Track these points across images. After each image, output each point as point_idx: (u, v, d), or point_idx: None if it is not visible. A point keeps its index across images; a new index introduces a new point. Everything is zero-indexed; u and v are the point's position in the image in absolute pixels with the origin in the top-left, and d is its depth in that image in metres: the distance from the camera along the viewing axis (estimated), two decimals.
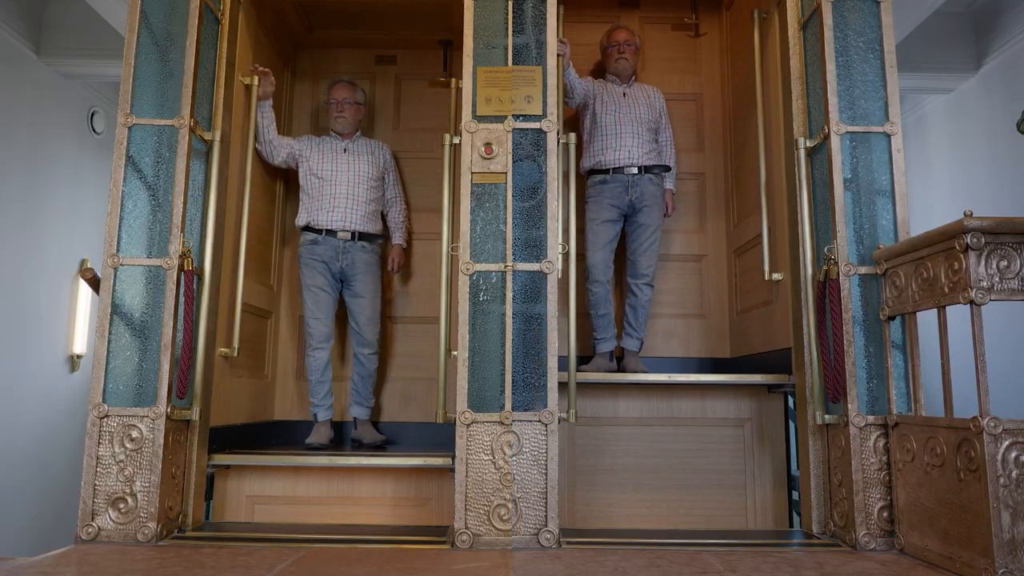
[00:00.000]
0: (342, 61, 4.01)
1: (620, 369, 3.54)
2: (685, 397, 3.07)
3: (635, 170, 3.50)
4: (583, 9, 4.04)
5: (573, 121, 3.84)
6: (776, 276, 3.02)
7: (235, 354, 3.00)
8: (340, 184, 3.43)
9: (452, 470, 2.58)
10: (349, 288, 3.46)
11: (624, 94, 3.63)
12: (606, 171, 3.52)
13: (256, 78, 3.19)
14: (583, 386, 3.04)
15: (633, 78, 3.71)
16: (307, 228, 3.42)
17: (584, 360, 3.57)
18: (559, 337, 2.63)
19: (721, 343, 3.79)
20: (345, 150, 3.52)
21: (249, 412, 3.33)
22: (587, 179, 3.61)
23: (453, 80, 3.23)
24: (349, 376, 3.61)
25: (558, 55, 2.70)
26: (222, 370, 2.98)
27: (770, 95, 3.12)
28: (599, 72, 3.92)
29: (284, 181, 3.79)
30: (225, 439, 2.99)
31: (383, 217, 3.64)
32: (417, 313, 3.81)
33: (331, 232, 3.39)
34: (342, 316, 3.58)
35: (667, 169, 3.62)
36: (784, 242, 2.94)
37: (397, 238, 3.64)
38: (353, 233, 3.42)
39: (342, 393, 3.64)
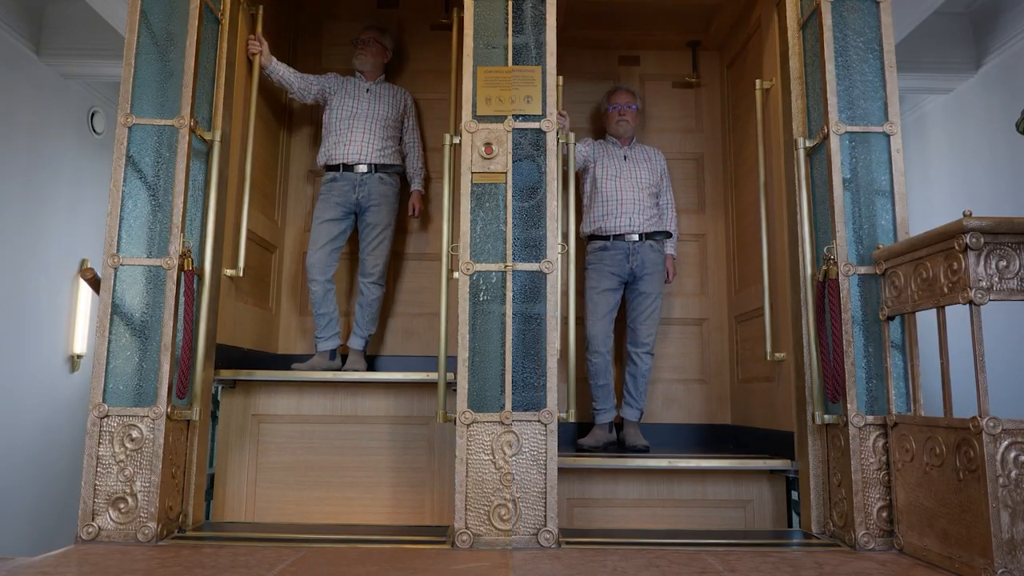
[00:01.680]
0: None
1: (619, 440, 3.50)
2: (687, 480, 2.97)
3: (636, 237, 3.48)
4: (582, 65, 4.01)
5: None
6: (779, 355, 2.98)
7: (240, 274, 3.02)
8: (359, 119, 3.51)
9: (452, 386, 2.59)
10: (363, 219, 3.52)
11: (625, 157, 3.60)
12: (606, 237, 3.49)
13: (256, 55, 3.24)
14: (583, 470, 2.94)
15: (634, 139, 3.68)
16: (327, 167, 3.51)
17: (584, 429, 3.56)
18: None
19: (722, 408, 3.76)
20: (367, 90, 3.59)
21: (253, 339, 3.36)
22: (587, 244, 3.58)
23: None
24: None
25: (558, 127, 2.66)
26: (227, 291, 3.02)
27: (773, 166, 3.08)
28: (599, 130, 3.89)
29: (288, 115, 3.84)
30: (229, 359, 3.03)
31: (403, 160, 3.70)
32: (425, 250, 3.86)
33: (348, 167, 3.47)
34: (353, 253, 3.66)
35: (668, 235, 3.59)
36: (787, 318, 2.89)
37: (416, 184, 3.68)
38: (370, 165, 3.49)
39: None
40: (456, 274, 2.57)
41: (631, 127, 3.64)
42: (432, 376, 2.87)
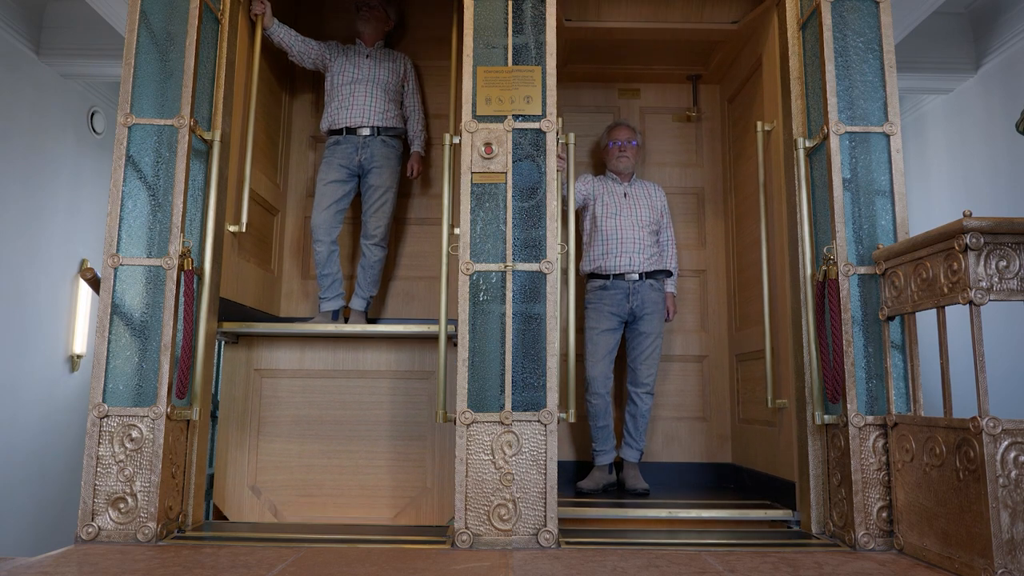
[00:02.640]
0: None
1: (619, 481, 3.49)
2: (686, 530, 2.91)
3: (636, 276, 3.44)
4: (581, 99, 3.98)
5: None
6: (780, 403, 2.96)
7: (242, 229, 3.04)
8: (360, 84, 3.55)
9: (453, 339, 2.60)
10: (366, 180, 3.55)
11: (625, 194, 3.56)
12: (606, 276, 3.46)
13: (258, 17, 3.26)
14: (584, 520, 2.90)
15: (634, 175, 3.65)
16: (330, 131, 3.55)
17: (583, 468, 3.55)
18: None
19: (723, 447, 3.75)
20: (367, 56, 3.62)
21: (256, 298, 3.38)
22: (586, 282, 3.55)
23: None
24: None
25: (557, 170, 2.65)
26: (231, 246, 3.04)
27: (775, 210, 3.05)
28: (599, 164, 3.86)
29: (291, 80, 3.86)
30: (232, 315, 3.06)
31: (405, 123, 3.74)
32: (426, 215, 3.86)
33: (351, 130, 3.51)
34: (356, 218, 3.69)
35: (669, 274, 3.56)
36: (788, 365, 2.88)
37: (415, 146, 3.70)
38: (373, 128, 3.52)
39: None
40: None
41: (631, 163, 3.60)
42: (433, 329, 2.86)
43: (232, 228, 3.00)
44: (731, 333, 3.79)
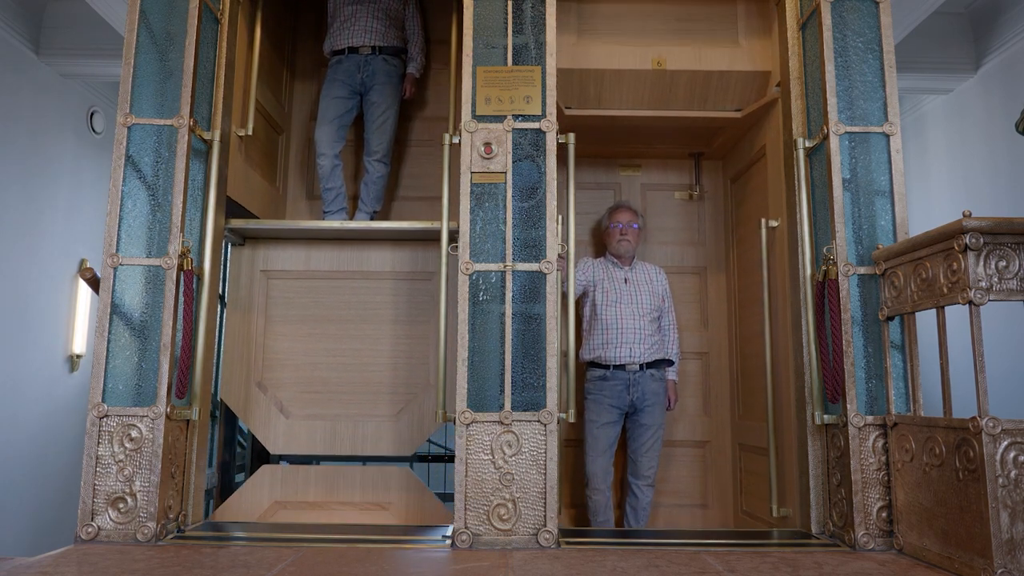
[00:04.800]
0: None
1: None
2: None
3: (637, 367, 3.39)
4: (582, 176, 3.91)
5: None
6: (783, 511, 2.90)
7: (249, 132, 3.11)
8: (362, 5, 3.63)
9: (454, 243, 2.65)
10: (368, 98, 3.62)
11: (626, 280, 3.51)
12: (606, 367, 3.41)
13: None
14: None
15: (634, 258, 3.60)
16: (333, 52, 3.64)
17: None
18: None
19: None
20: None
21: (261, 208, 3.42)
22: (586, 370, 3.49)
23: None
24: None
25: (557, 269, 2.61)
26: (237, 150, 3.09)
27: (779, 309, 3.02)
28: (599, 244, 3.82)
29: (295, 11, 3.91)
30: (238, 216, 3.10)
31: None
32: (425, 137, 3.92)
33: (353, 49, 3.60)
34: (359, 139, 3.76)
35: (670, 363, 3.51)
36: (793, 480, 2.83)
37: (411, 67, 3.76)
38: (374, 48, 3.60)
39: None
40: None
41: (633, 247, 3.55)
42: (435, 224, 2.89)
43: (240, 132, 3.08)
44: (734, 420, 3.69)
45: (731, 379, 3.75)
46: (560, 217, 2.64)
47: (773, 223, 3.06)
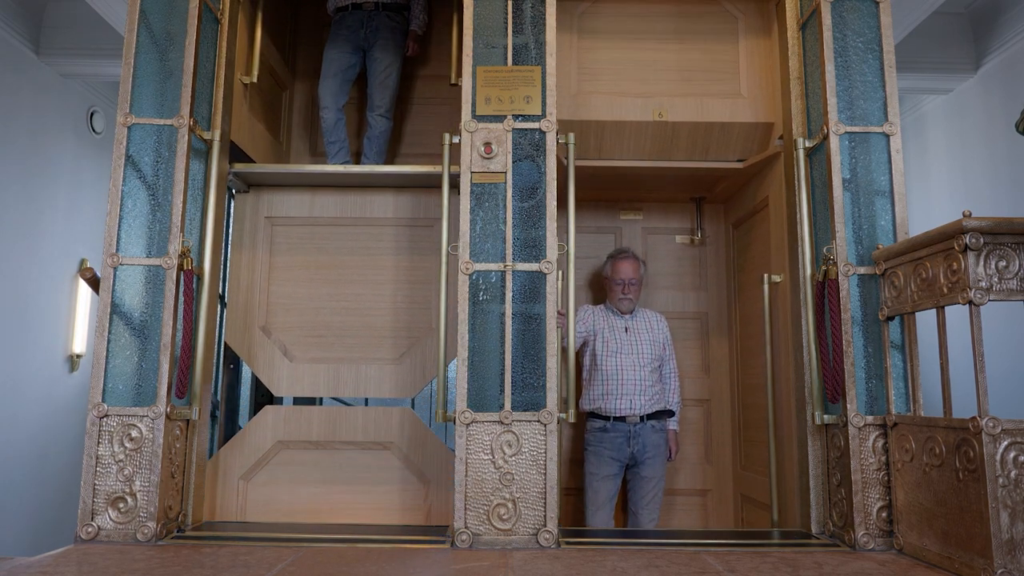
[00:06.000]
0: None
1: None
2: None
3: (637, 419, 3.36)
4: (582, 220, 3.87)
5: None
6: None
7: (254, 80, 3.18)
8: None
9: (455, 185, 2.67)
10: (371, 54, 3.67)
11: (626, 329, 3.48)
12: (606, 418, 3.38)
13: None
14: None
15: (635, 305, 3.56)
16: (337, 8, 3.69)
17: None
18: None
19: None
20: None
21: (264, 157, 3.44)
22: (586, 421, 3.46)
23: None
24: None
25: (557, 326, 2.58)
26: (242, 97, 3.12)
27: (780, 366, 3.00)
28: (598, 289, 3.79)
29: None
30: (242, 161, 3.14)
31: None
32: (430, 95, 3.97)
33: (356, 5, 3.66)
34: (362, 96, 3.81)
35: (671, 413, 3.47)
36: (795, 524, 2.80)
37: (413, 24, 3.79)
38: (376, 3, 3.66)
39: None
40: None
41: (634, 303, 3.51)
42: (437, 169, 2.89)
43: (244, 79, 3.11)
44: (736, 470, 3.65)
45: (733, 428, 3.70)
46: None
47: (776, 278, 3.04)
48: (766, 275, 3.09)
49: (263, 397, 3.76)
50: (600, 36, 3.21)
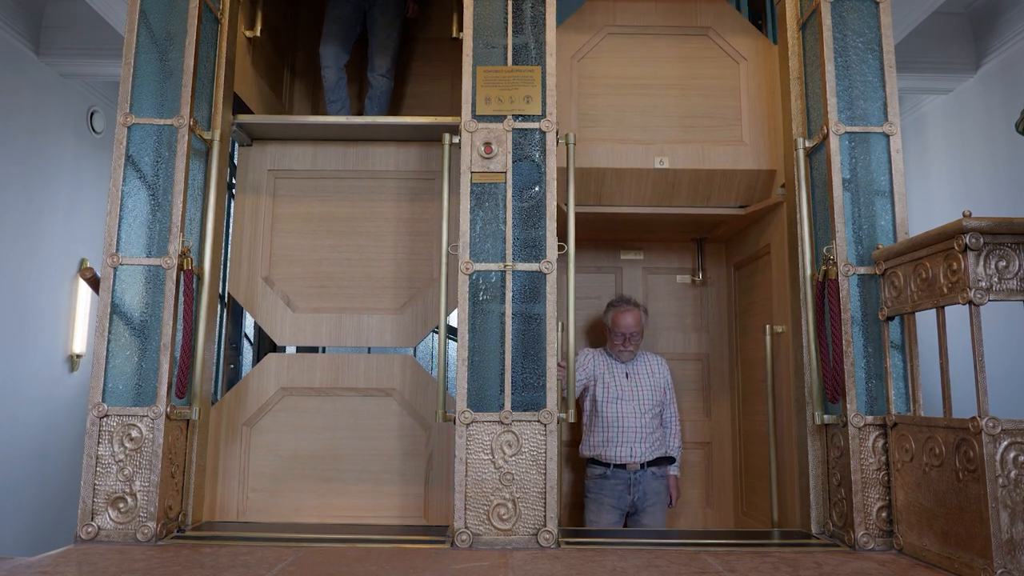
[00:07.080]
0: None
1: None
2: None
3: (638, 467, 3.33)
4: (582, 260, 3.84)
5: None
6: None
7: (257, 34, 3.22)
8: None
9: (456, 144, 2.69)
10: (371, 17, 3.72)
11: (627, 375, 3.44)
12: (607, 465, 3.35)
13: None
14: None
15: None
16: None
17: None
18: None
19: None
20: None
21: (266, 112, 3.47)
22: (586, 467, 3.44)
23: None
24: None
25: (557, 378, 2.57)
26: (245, 52, 3.17)
27: (785, 422, 2.99)
28: (598, 333, 3.76)
29: None
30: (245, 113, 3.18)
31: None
32: (431, 57, 4.03)
33: None
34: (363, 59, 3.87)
35: (671, 460, 3.45)
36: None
37: None
38: None
39: None
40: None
41: (634, 354, 3.48)
42: (438, 120, 2.94)
43: (248, 33, 3.15)
44: (737, 515, 3.62)
45: (735, 472, 3.68)
46: (560, 324, 2.63)
47: (779, 329, 3.03)
48: (768, 326, 3.08)
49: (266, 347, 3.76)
50: (600, 82, 3.20)
